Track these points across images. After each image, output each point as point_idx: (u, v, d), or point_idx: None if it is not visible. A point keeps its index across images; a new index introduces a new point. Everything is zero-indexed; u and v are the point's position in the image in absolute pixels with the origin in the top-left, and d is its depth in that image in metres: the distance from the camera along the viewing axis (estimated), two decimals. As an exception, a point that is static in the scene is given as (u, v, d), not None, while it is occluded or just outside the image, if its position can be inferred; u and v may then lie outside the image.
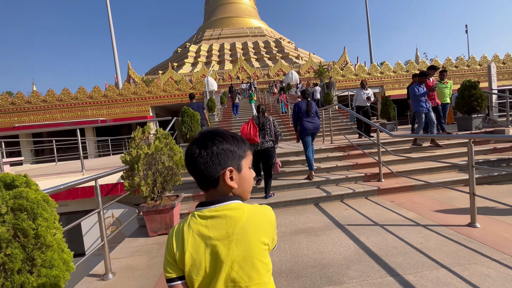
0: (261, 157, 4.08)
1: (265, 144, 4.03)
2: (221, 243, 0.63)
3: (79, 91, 14.35)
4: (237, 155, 0.69)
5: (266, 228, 0.67)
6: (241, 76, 33.85)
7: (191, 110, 5.96)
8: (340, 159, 5.37)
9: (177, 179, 3.55)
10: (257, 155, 4.06)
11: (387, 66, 15.42)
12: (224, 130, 0.73)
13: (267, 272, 0.66)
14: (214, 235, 0.63)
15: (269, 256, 0.68)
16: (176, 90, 14.51)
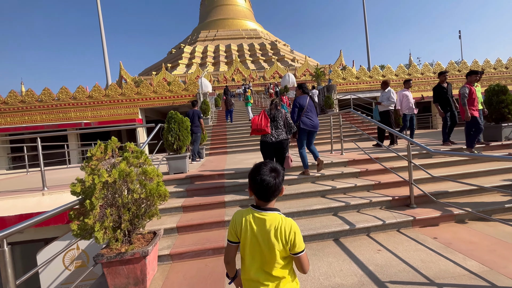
0: (274, 149, 3.91)
1: (280, 136, 3.88)
2: (259, 234, 1.15)
3: (61, 91, 13.17)
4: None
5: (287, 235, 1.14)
6: (236, 78, 32.97)
7: (179, 115, 4.99)
8: (357, 176, 4.48)
9: (154, 212, 2.59)
10: (270, 147, 3.90)
11: (389, 69, 14.72)
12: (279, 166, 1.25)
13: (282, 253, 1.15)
14: (256, 229, 1.16)
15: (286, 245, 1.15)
16: (167, 91, 13.48)
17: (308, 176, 4.34)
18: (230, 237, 1.23)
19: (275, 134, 3.86)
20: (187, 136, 4.99)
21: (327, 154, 6.03)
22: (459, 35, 39.92)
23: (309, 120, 4.24)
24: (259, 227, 1.15)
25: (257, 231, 1.15)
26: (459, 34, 39.85)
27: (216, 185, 4.24)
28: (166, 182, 4.54)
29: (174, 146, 4.86)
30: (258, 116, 3.95)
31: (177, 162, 4.84)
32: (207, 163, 6.41)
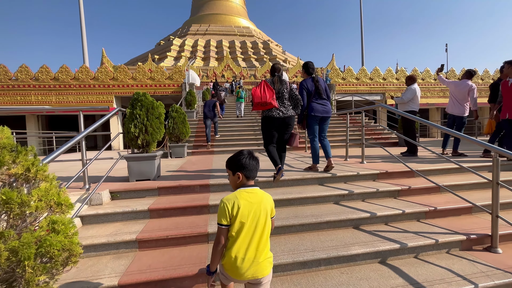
0: (280, 126, 3.29)
1: (289, 112, 3.30)
2: (256, 204, 1.32)
3: (20, 70, 11.06)
4: None
5: (270, 201, 1.41)
6: (226, 74, 31.43)
7: (148, 98, 3.49)
8: (395, 196, 3.18)
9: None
10: (276, 123, 3.26)
11: (390, 72, 13.83)
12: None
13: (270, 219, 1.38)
14: (253, 200, 1.32)
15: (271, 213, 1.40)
16: (148, 79, 11.74)
17: (317, 175, 2.99)
18: (222, 220, 1.27)
19: (283, 109, 3.26)
20: (158, 128, 3.49)
21: (342, 161, 4.72)
22: (445, 48, 40.51)
23: (320, 106, 3.60)
24: (255, 199, 1.33)
25: (254, 203, 1.31)
26: (445, 48, 40.45)
27: (197, 202, 2.79)
28: (122, 194, 3.03)
29: (139, 141, 3.34)
30: (259, 88, 3.23)
31: (142, 165, 3.34)
32: (188, 165, 4.92)
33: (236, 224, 1.26)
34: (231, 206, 1.27)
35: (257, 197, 1.34)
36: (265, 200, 1.36)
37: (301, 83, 3.64)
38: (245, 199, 1.30)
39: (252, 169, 1.37)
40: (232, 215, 1.26)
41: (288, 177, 3.35)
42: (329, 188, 3.19)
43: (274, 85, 3.27)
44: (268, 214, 1.34)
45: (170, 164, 5.25)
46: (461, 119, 5.05)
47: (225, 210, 1.27)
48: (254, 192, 1.35)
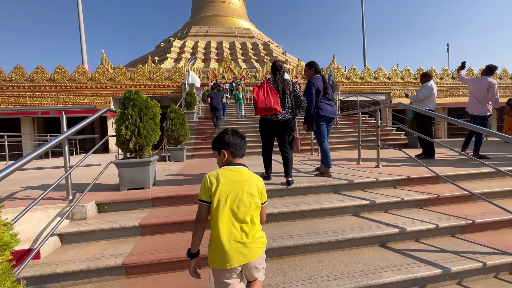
0: (279, 129, 3.02)
1: (287, 115, 3.03)
2: (239, 183, 1.21)
3: (14, 71, 10.71)
4: None
5: (259, 185, 1.27)
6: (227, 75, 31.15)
7: (142, 96, 3.11)
8: (421, 206, 2.79)
9: None
10: (275, 126, 3.01)
11: (395, 72, 13.42)
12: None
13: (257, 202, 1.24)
14: (236, 179, 1.22)
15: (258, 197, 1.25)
16: (147, 79, 11.37)
17: (332, 182, 2.61)
18: (202, 196, 1.22)
19: (283, 113, 3.01)
20: (153, 130, 3.10)
21: (355, 165, 4.32)
22: (447, 48, 40.23)
23: (329, 106, 3.42)
24: (238, 178, 1.23)
25: (237, 182, 1.21)
26: (447, 48, 40.16)
27: (196, 215, 2.40)
28: (110, 205, 2.64)
29: (131, 145, 2.95)
30: (261, 90, 2.96)
31: (134, 172, 2.95)
32: (187, 170, 4.54)
33: (215, 202, 1.18)
34: (210, 182, 1.21)
35: (241, 176, 1.25)
36: (251, 180, 1.25)
37: (309, 81, 3.37)
38: (227, 177, 1.22)
39: (237, 146, 1.31)
40: (210, 191, 1.19)
41: (299, 185, 2.96)
42: (346, 198, 2.80)
43: (277, 85, 3.03)
44: (254, 196, 1.23)
45: (168, 169, 4.86)
46: (482, 119, 4.66)
47: (204, 185, 1.21)
48: (238, 171, 1.26)
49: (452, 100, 13.74)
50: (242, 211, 1.17)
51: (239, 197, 1.18)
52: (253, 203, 1.20)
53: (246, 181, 1.23)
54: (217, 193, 1.17)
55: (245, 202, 1.18)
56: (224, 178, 1.20)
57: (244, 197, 1.19)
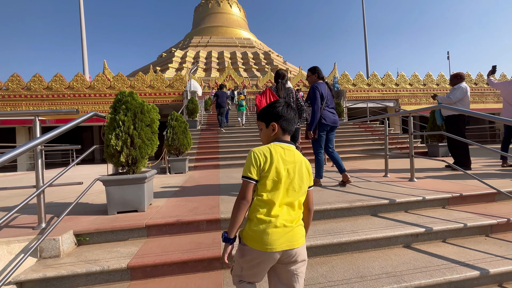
0: None
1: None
2: (291, 164, 1.06)
3: (11, 79, 10.28)
4: None
5: (309, 166, 1.12)
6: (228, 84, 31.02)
7: (137, 99, 2.57)
8: (487, 233, 2.17)
9: None
10: None
11: (403, 78, 12.96)
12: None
13: (306, 186, 1.08)
14: (288, 158, 1.06)
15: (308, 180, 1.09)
16: (147, 87, 10.93)
17: (369, 202, 2.02)
18: (251, 172, 1.03)
19: None
20: (150, 139, 2.55)
21: (382, 178, 3.74)
22: (447, 56, 40.25)
23: (331, 114, 3.27)
24: (291, 158, 1.08)
25: (289, 163, 1.06)
26: (447, 55, 40.18)
27: (203, 251, 1.82)
28: (93, 236, 2.05)
29: (122, 158, 2.39)
30: (264, 98, 2.92)
31: (126, 191, 2.38)
32: (190, 185, 3.96)
33: (269, 182, 1.03)
34: (263, 158, 1.04)
35: (294, 156, 1.09)
36: (302, 162, 1.10)
37: (313, 86, 3.20)
38: (280, 155, 1.06)
39: (290, 120, 1.13)
40: (263, 169, 1.03)
41: (330, 206, 2.38)
42: (390, 223, 2.21)
43: (279, 93, 3.04)
44: (304, 180, 1.08)
45: (168, 183, 4.28)
46: None
47: (256, 160, 1.04)
48: (290, 150, 1.10)
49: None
50: (292, 194, 1.05)
51: (291, 179, 1.05)
52: (303, 187, 1.07)
53: (298, 163, 1.08)
54: (271, 171, 1.03)
55: (295, 185, 1.05)
56: (277, 156, 1.05)
57: (296, 179, 1.06)
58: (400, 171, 4.39)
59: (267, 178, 1.02)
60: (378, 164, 5.64)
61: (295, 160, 1.07)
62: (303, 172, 1.08)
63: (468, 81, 14.24)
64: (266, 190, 1.02)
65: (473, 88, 13.94)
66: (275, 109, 1.12)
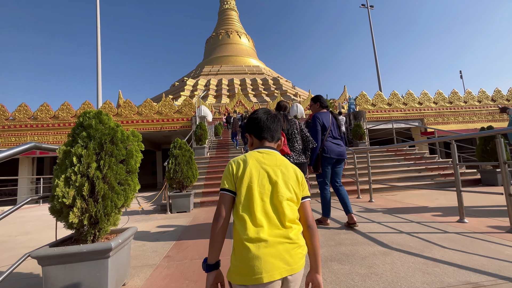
0: None
1: (300, 158, 2.71)
2: (271, 168, 0.86)
3: (18, 109, 10.03)
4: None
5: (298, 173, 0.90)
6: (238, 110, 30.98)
7: (106, 121, 1.70)
8: None
9: None
10: None
11: (426, 96, 11.91)
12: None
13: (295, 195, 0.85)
14: (268, 162, 0.88)
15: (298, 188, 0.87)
16: (155, 113, 10.41)
17: None
18: (224, 184, 0.87)
19: (294, 155, 2.70)
20: (125, 183, 1.63)
21: (455, 224, 2.60)
22: (460, 75, 39.46)
23: (335, 146, 2.90)
24: (271, 162, 0.89)
25: (269, 166, 0.87)
26: (460, 74, 39.40)
27: None
28: None
29: (72, 216, 1.45)
30: None
31: (77, 273, 1.41)
32: (192, 233, 2.96)
33: (243, 189, 0.83)
34: (237, 164, 0.89)
35: (275, 160, 0.90)
36: (287, 165, 0.91)
37: (314, 116, 3.00)
38: (256, 159, 0.89)
39: (265, 128, 0.97)
40: (236, 176, 0.86)
41: None
42: None
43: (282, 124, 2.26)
44: (291, 184, 0.86)
45: (165, 230, 3.30)
46: None
47: (229, 169, 0.89)
48: (270, 154, 0.92)
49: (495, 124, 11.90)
50: (278, 202, 0.81)
51: (273, 183, 0.83)
52: (292, 191, 0.85)
53: (282, 166, 0.89)
54: (245, 177, 0.84)
55: (281, 191, 0.83)
56: (253, 160, 0.88)
57: (280, 184, 0.84)
58: (475, 212, 3.23)
59: (243, 185, 0.83)
60: (427, 197, 4.47)
61: (277, 163, 0.89)
62: (289, 175, 0.87)
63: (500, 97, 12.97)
64: (244, 200, 0.81)
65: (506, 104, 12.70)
66: (250, 118, 1.01)
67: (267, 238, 0.73)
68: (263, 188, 0.82)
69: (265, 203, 0.80)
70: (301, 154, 2.74)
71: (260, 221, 0.77)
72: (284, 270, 0.72)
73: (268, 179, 0.84)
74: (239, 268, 0.72)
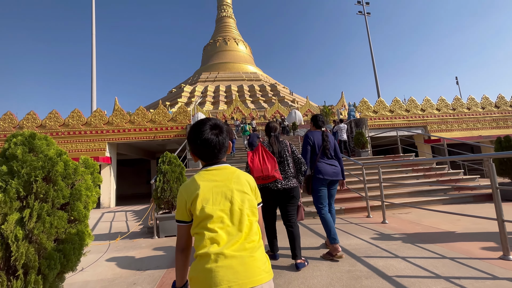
0: (281, 199, 2.54)
1: (290, 183, 2.53)
2: (223, 183, 0.85)
3: (3, 118, 9.47)
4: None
5: (250, 181, 0.91)
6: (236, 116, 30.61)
7: (42, 148, 1.17)
8: None
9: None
10: (275, 196, 2.53)
11: (429, 102, 11.53)
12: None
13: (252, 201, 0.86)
14: (219, 178, 0.86)
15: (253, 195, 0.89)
16: (148, 122, 9.88)
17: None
18: (179, 215, 0.87)
19: (282, 181, 2.53)
20: (70, 240, 1.10)
21: (506, 264, 2.09)
22: (456, 81, 39.67)
23: (329, 166, 2.77)
24: (221, 177, 0.87)
25: (220, 181, 0.86)
26: (456, 80, 39.60)
27: None
28: None
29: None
30: (256, 156, 2.48)
31: None
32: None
33: (199, 212, 0.81)
34: (186, 193, 0.86)
35: (225, 174, 0.89)
36: (239, 175, 0.90)
37: (305, 135, 2.93)
38: (206, 179, 0.86)
39: (211, 151, 0.89)
40: (188, 204, 0.85)
41: None
42: None
43: (272, 147, 2.66)
44: (246, 193, 0.87)
45: (145, 272, 2.75)
46: None
47: (180, 199, 0.87)
48: (219, 169, 0.90)
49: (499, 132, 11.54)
50: (235, 215, 0.82)
51: (228, 198, 0.83)
52: (246, 201, 0.85)
53: (233, 178, 0.87)
54: (198, 202, 0.82)
55: (237, 205, 0.83)
56: (203, 182, 0.86)
57: (236, 198, 0.84)
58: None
59: (196, 208, 0.81)
60: (446, 217, 3.96)
61: (228, 177, 0.87)
62: (242, 185, 0.87)
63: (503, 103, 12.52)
64: (199, 222, 0.81)
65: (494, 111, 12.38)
66: (191, 136, 0.91)
67: (224, 252, 0.74)
68: (219, 205, 0.82)
69: (221, 221, 0.80)
70: (291, 179, 2.60)
71: (220, 237, 0.77)
72: (233, 281, 0.71)
73: (223, 196, 0.84)
74: (196, 279, 0.74)
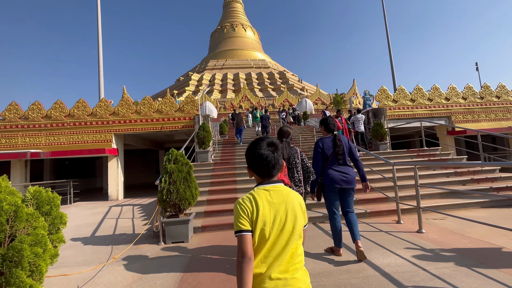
0: None
1: (300, 189, 2.62)
2: (279, 206, 0.91)
3: (9, 108, 9.23)
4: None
5: (302, 203, 0.98)
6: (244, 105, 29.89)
7: None
8: None
9: None
10: None
11: (454, 90, 10.58)
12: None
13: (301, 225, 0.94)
14: (276, 201, 0.92)
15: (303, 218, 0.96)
16: (155, 112, 9.46)
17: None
18: (242, 224, 0.88)
19: (293, 186, 2.61)
20: None
21: None
22: (476, 67, 37.48)
23: (338, 174, 2.64)
24: (278, 199, 0.93)
25: (277, 203, 0.92)
26: (476, 66, 37.38)
27: None
28: None
29: None
30: None
31: None
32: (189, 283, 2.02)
33: (257, 233, 0.88)
34: (250, 207, 0.90)
35: (280, 195, 0.94)
36: (293, 198, 0.96)
37: (315, 144, 2.80)
38: (265, 199, 0.92)
39: (270, 166, 0.96)
40: (252, 219, 0.89)
41: None
42: None
43: (283, 151, 2.20)
44: (297, 218, 0.93)
45: (148, 283, 2.36)
46: None
47: (243, 210, 0.90)
48: (276, 189, 0.96)
49: None
50: (284, 238, 0.89)
51: (283, 222, 0.90)
52: (297, 225, 0.92)
53: (289, 202, 0.94)
54: (259, 221, 0.88)
55: (288, 228, 0.90)
56: (262, 201, 0.91)
57: (289, 221, 0.91)
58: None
59: (257, 228, 0.88)
60: (492, 226, 3.40)
61: (284, 200, 0.94)
62: (296, 209, 0.94)
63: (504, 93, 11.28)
64: (257, 242, 0.88)
65: None
66: (249, 150, 1.00)
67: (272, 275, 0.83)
68: (273, 228, 0.88)
69: (274, 241, 0.87)
70: (300, 184, 2.62)
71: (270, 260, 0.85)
72: None
73: (278, 219, 0.89)
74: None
